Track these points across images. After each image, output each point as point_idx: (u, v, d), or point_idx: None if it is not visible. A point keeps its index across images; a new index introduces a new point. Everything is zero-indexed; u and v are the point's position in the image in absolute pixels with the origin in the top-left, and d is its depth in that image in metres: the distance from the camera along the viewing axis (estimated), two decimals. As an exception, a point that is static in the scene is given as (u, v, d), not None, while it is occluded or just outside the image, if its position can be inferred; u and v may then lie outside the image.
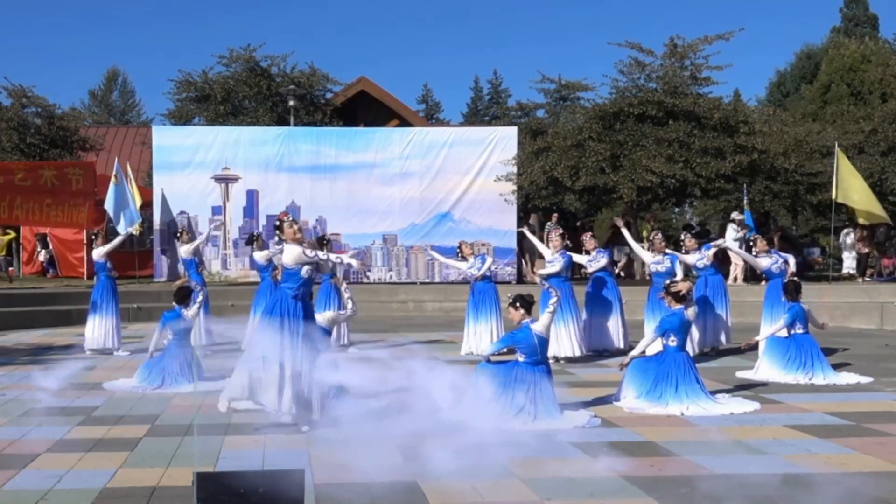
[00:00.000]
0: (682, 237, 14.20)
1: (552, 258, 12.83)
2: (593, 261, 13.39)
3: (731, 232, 21.10)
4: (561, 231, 13.40)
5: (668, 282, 10.11)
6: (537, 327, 8.65)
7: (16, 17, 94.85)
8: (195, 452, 6.82)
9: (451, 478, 6.47)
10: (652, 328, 12.51)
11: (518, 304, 8.76)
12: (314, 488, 6.12)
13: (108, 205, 20.77)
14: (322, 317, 9.45)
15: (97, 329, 13.65)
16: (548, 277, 12.53)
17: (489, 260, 13.81)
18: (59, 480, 6.44)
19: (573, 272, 14.77)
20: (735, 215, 21.41)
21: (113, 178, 21.06)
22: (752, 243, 13.42)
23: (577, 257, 13.44)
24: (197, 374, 10.44)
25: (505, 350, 9.28)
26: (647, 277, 16.35)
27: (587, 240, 13.63)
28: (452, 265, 14.63)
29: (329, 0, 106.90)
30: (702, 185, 21.64)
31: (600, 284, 13.42)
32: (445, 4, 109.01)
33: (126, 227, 19.88)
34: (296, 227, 8.48)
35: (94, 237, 15.48)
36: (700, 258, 13.55)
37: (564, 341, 12.58)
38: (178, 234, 15.33)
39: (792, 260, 12.96)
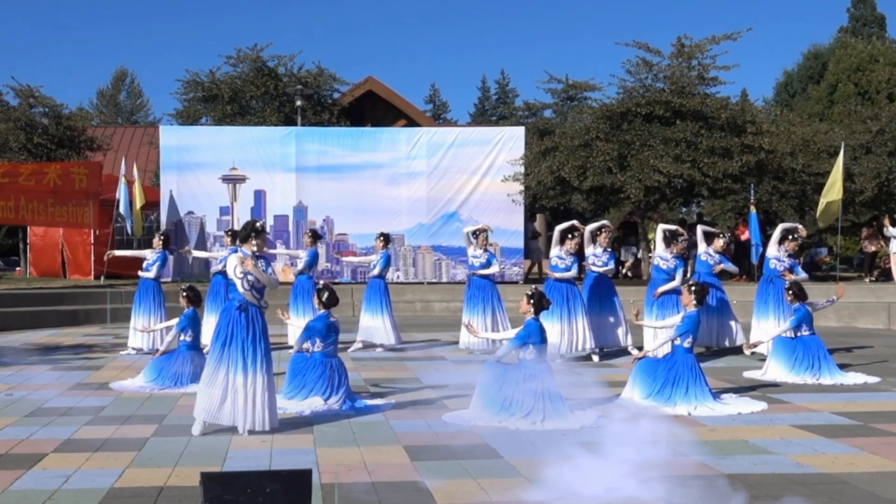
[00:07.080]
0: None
1: (568, 262, 12.75)
2: (601, 263, 13.23)
3: None
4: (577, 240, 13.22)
5: (691, 281, 10.08)
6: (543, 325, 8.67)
7: (23, 17, 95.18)
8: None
9: (458, 477, 6.48)
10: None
11: (532, 301, 8.74)
12: (321, 488, 6.12)
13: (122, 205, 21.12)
14: None
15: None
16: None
17: (495, 266, 13.51)
18: (67, 480, 6.45)
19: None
20: None
21: (122, 179, 21.21)
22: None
23: (587, 250, 13.30)
24: None
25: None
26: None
27: (602, 235, 13.11)
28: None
29: (336, 0, 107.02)
30: (709, 185, 21.59)
31: (600, 282, 13.29)
32: (453, 4, 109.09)
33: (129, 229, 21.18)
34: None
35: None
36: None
37: (579, 336, 12.54)
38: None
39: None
